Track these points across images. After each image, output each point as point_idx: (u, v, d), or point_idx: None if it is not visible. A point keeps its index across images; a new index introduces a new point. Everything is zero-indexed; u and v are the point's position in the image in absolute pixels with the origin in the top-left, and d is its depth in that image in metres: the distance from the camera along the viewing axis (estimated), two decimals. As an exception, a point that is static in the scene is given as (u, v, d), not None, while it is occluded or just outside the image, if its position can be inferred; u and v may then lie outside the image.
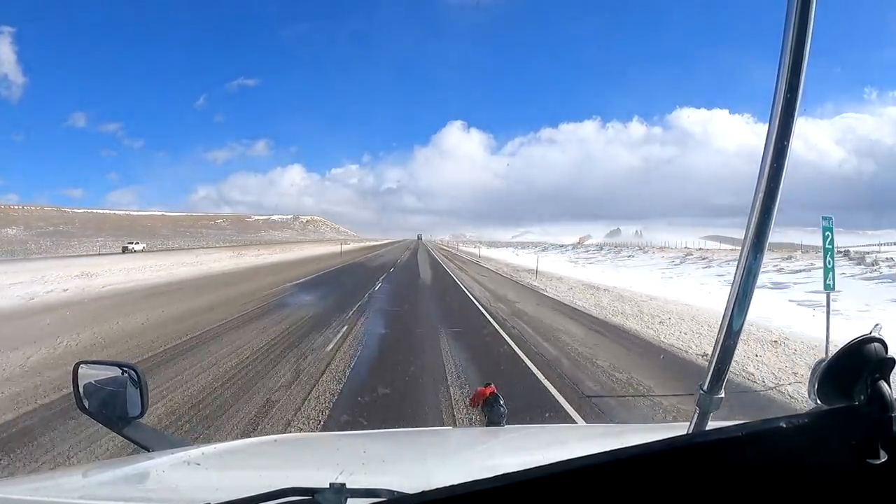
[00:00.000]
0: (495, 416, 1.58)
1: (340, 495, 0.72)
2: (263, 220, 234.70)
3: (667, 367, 6.61)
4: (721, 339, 0.67)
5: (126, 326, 8.70)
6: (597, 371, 6.28)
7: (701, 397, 0.70)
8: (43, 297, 12.53)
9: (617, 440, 1.39)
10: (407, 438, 1.86)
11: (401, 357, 6.86)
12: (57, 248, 55.87)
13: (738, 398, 4.98)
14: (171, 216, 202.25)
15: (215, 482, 1.07)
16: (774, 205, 0.64)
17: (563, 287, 17.51)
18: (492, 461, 1.35)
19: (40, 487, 1.01)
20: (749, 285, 0.65)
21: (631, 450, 0.49)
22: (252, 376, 5.71)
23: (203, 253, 37.88)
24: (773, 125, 0.62)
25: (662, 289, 17.78)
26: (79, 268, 19.51)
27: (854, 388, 0.53)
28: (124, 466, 1.07)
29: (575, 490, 0.48)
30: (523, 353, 7.24)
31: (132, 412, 1.23)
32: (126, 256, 33.28)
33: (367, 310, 11.11)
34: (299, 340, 7.73)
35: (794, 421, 0.51)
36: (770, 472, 0.50)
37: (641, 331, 9.22)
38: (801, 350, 7.29)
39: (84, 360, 1.33)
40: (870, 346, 0.55)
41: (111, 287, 15.09)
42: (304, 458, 1.36)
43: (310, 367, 6.18)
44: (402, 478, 0.99)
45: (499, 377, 5.32)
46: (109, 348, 7.05)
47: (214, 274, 21.71)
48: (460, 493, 0.48)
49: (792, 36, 0.60)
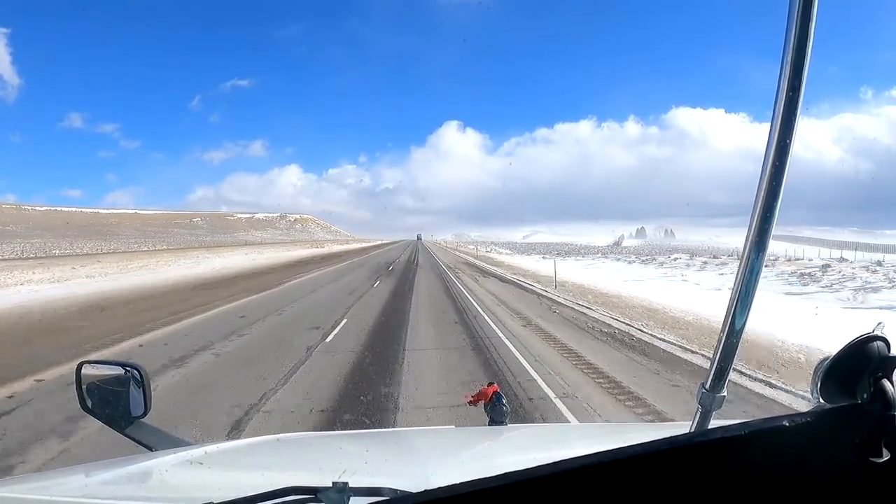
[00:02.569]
0: (497, 416, 1.58)
1: (343, 494, 0.73)
2: (246, 219, 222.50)
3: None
4: (723, 338, 0.67)
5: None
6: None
7: (703, 396, 0.70)
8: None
9: (619, 439, 1.39)
10: (409, 438, 1.86)
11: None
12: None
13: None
14: (144, 214, 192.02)
15: (218, 481, 1.07)
16: (776, 203, 0.64)
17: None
18: (494, 460, 1.35)
19: (43, 486, 1.02)
20: (751, 284, 0.65)
21: (633, 449, 0.49)
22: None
23: (87, 261, 25.48)
24: (775, 124, 0.62)
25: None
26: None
27: (857, 387, 0.53)
28: (127, 466, 1.07)
29: (577, 489, 0.48)
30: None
31: (135, 412, 1.24)
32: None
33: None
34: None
35: (797, 419, 0.51)
36: (773, 470, 0.50)
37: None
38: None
39: (87, 360, 1.34)
40: (872, 344, 0.55)
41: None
42: (307, 458, 1.37)
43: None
44: (404, 477, 0.99)
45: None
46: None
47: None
48: (463, 492, 0.48)
49: (794, 35, 0.60)
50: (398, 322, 9.98)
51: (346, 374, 6.02)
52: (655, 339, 8.44)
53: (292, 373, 6.07)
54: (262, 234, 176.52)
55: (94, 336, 8.39)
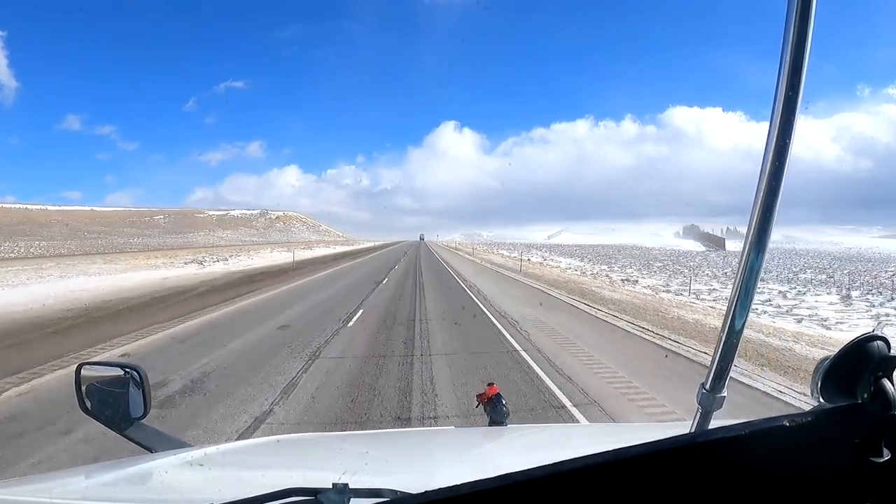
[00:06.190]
0: (498, 416, 1.58)
1: (343, 495, 0.72)
2: (218, 217, 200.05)
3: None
4: (723, 338, 0.67)
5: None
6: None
7: (703, 396, 0.70)
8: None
9: (619, 439, 1.39)
10: (409, 438, 1.86)
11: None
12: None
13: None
14: (101, 211, 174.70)
15: (218, 483, 1.07)
16: (776, 203, 0.64)
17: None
18: (494, 461, 1.35)
19: (43, 488, 1.02)
20: (751, 284, 0.65)
21: (634, 449, 0.49)
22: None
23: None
24: (773, 123, 0.62)
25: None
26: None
27: (857, 387, 0.53)
28: (127, 467, 1.07)
29: (578, 489, 0.48)
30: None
31: (135, 413, 1.24)
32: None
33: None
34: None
35: (798, 419, 0.51)
36: (773, 470, 0.50)
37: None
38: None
39: (86, 362, 1.34)
40: (872, 343, 0.55)
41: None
42: (307, 459, 1.36)
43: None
44: (404, 478, 0.99)
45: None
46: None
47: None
48: (463, 493, 0.48)
49: (793, 34, 0.60)
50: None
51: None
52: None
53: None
54: (231, 233, 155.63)
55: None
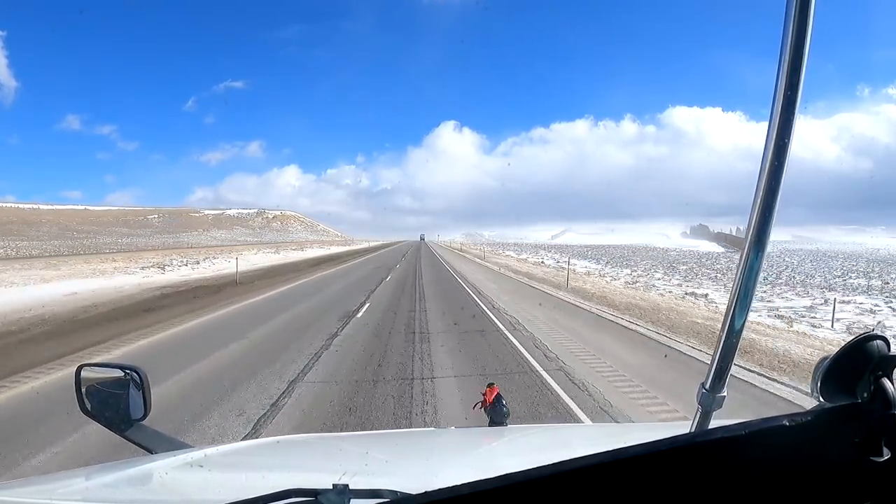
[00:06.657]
0: (498, 416, 1.58)
1: (343, 496, 0.72)
2: (214, 216, 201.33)
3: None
4: (722, 337, 0.67)
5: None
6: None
7: (703, 396, 0.70)
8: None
9: (619, 439, 1.39)
10: (409, 439, 1.86)
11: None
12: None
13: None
14: (94, 210, 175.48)
15: (218, 484, 1.07)
16: (775, 203, 0.64)
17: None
18: (494, 461, 1.35)
19: (44, 490, 1.01)
20: (751, 284, 0.65)
21: (633, 449, 0.49)
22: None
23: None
24: (773, 123, 0.62)
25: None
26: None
27: (857, 386, 0.53)
28: (127, 468, 1.07)
29: (578, 490, 0.48)
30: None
31: (135, 414, 1.24)
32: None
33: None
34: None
35: (797, 419, 0.51)
36: (773, 470, 0.50)
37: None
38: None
39: (86, 363, 1.34)
40: (872, 343, 0.55)
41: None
42: (307, 460, 1.36)
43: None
44: (404, 478, 0.99)
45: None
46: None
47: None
48: (463, 494, 0.48)
49: (792, 34, 0.60)
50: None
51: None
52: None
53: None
54: (226, 233, 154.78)
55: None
